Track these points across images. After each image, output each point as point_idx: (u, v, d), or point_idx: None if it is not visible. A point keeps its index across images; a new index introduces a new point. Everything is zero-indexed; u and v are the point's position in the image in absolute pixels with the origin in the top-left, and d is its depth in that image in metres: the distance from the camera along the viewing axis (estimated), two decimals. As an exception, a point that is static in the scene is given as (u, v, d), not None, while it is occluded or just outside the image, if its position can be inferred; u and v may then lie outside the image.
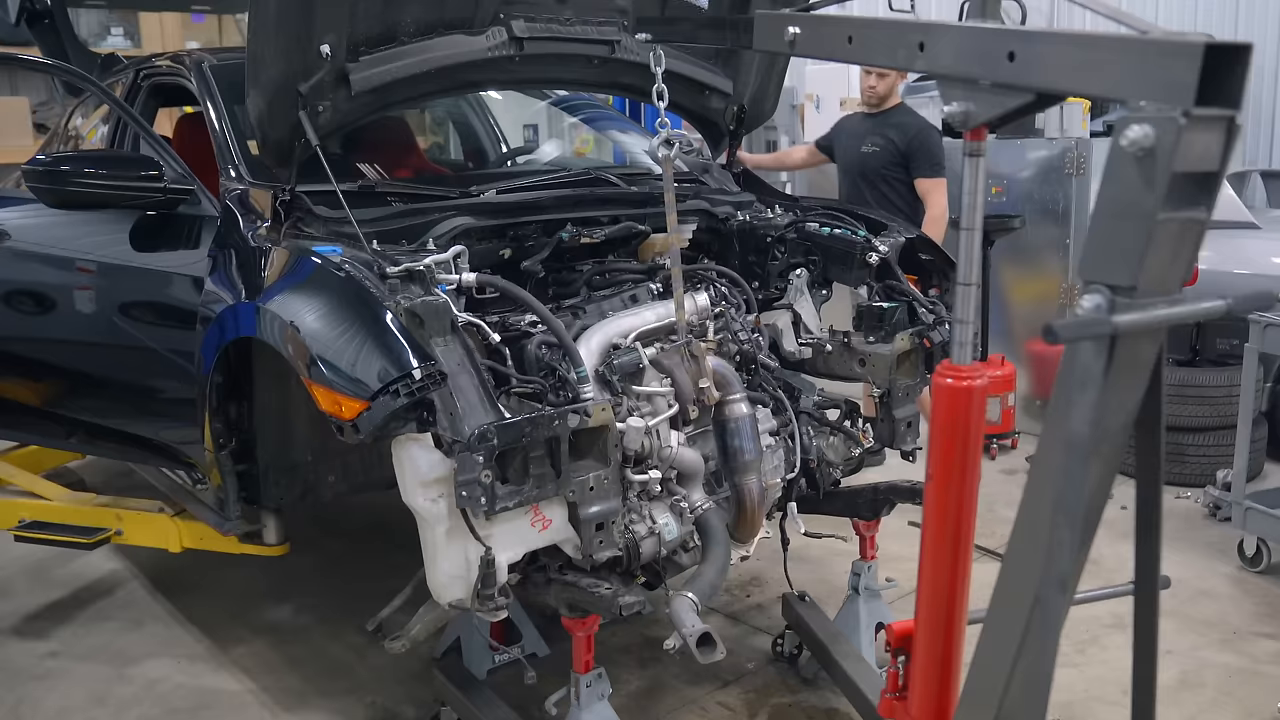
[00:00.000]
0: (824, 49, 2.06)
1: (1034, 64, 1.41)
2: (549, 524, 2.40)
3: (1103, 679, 3.34)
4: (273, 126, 2.73)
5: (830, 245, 3.29)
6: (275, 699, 3.36)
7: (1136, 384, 1.34)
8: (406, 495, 2.31)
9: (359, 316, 2.36)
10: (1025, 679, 1.48)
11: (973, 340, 1.88)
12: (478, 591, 2.31)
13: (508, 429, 2.19)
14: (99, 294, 3.49)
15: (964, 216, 1.83)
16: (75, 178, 3.06)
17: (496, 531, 2.32)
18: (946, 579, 1.95)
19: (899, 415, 3.11)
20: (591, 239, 3.03)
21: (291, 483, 3.19)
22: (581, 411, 2.32)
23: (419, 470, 2.26)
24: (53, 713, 3.29)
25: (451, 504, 2.25)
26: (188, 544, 3.54)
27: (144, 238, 3.28)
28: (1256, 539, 4.13)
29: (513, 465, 2.27)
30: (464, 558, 2.32)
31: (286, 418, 3.09)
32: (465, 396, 2.23)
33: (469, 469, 2.16)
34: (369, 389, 2.18)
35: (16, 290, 3.83)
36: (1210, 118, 1.16)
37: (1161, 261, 1.24)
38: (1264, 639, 3.63)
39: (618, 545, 2.49)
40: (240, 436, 3.00)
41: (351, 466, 3.33)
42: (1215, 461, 4.80)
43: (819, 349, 3.22)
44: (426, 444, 2.24)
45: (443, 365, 2.22)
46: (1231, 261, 5.31)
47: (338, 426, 2.25)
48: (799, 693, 3.32)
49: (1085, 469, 1.31)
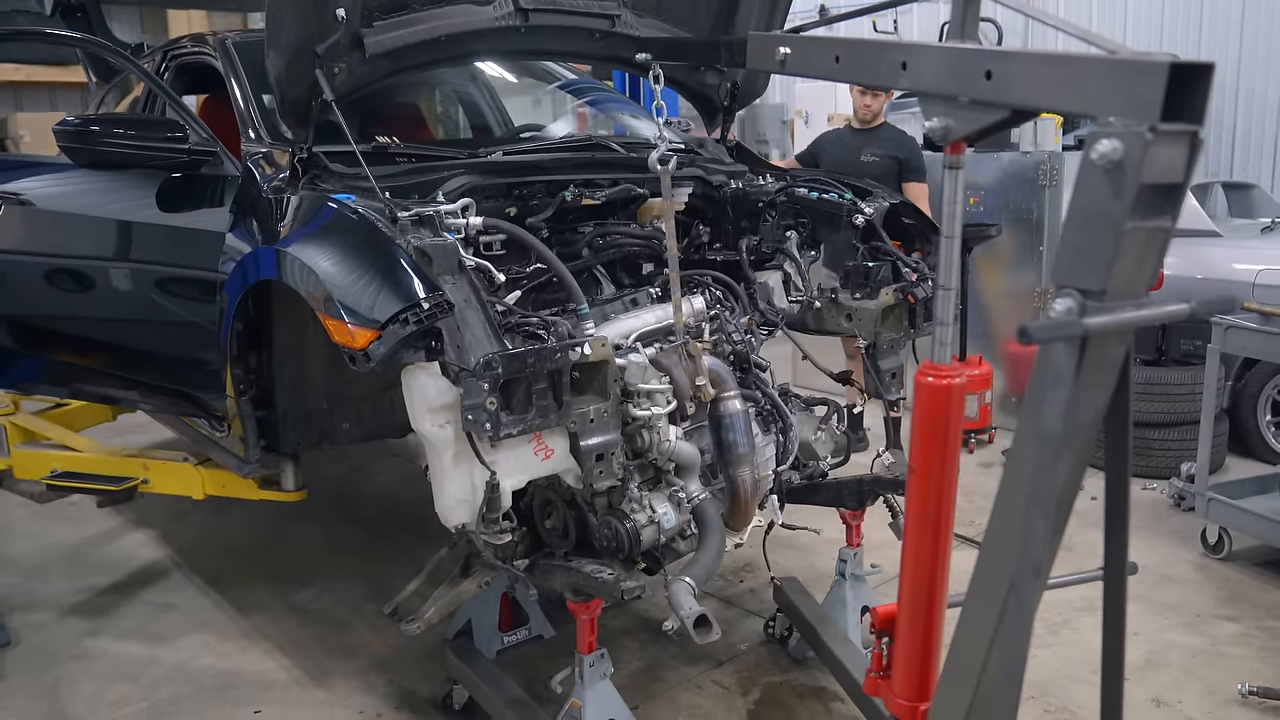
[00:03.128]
0: (813, 68, 2.06)
1: (1009, 82, 1.41)
2: (551, 454, 2.38)
3: (1074, 659, 3.34)
4: (290, 87, 2.72)
5: (819, 208, 3.29)
6: (298, 677, 3.36)
7: (1106, 382, 1.34)
8: (415, 421, 2.29)
9: (371, 253, 2.35)
10: (1002, 659, 1.48)
11: (952, 341, 1.89)
12: (483, 515, 2.30)
13: (512, 359, 2.18)
14: (125, 253, 3.44)
15: (944, 225, 1.83)
16: (105, 138, 3.03)
17: (501, 458, 2.31)
18: (927, 565, 1.95)
19: (884, 366, 3.11)
20: (592, 200, 3.01)
21: (308, 429, 3.18)
22: (582, 346, 2.30)
23: (427, 397, 2.24)
24: (89, 691, 3.29)
25: (458, 429, 2.24)
26: (210, 491, 3.54)
27: (169, 199, 3.24)
28: (1218, 528, 4.14)
29: (516, 395, 2.25)
30: (470, 482, 2.31)
31: (303, 366, 3.07)
32: (472, 330, 2.21)
33: (475, 394, 2.14)
34: (379, 319, 2.16)
35: (47, 251, 3.74)
36: (1175, 132, 1.16)
37: (1129, 267, 1.24)
38: (1225, 622, 3.63)
39: (616, 475, 2.46)
40: (259, 384, 2.98)
41: (365, 413, 3.30)
42: (1179, 455, 4.80)
43: (808, 305, 3.22)
44: (434, 372, 2.22)
45: (450, 296, 2.21)
46: (1195, 268, 5.31)
47: (350, 357, 2.22)
48: (789, 672, 3.32)
49: (1058, 462, 1.30)
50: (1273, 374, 5.15)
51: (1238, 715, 3.05)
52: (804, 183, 3.40)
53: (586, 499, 2.54)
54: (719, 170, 3.44)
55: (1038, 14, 2.00)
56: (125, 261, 3.44)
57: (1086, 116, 1.27)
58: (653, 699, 3.17)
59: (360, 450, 5.84)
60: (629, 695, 2.90)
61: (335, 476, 5.39)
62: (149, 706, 3.20)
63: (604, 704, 2.67)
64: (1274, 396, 5.21)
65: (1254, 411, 5.23)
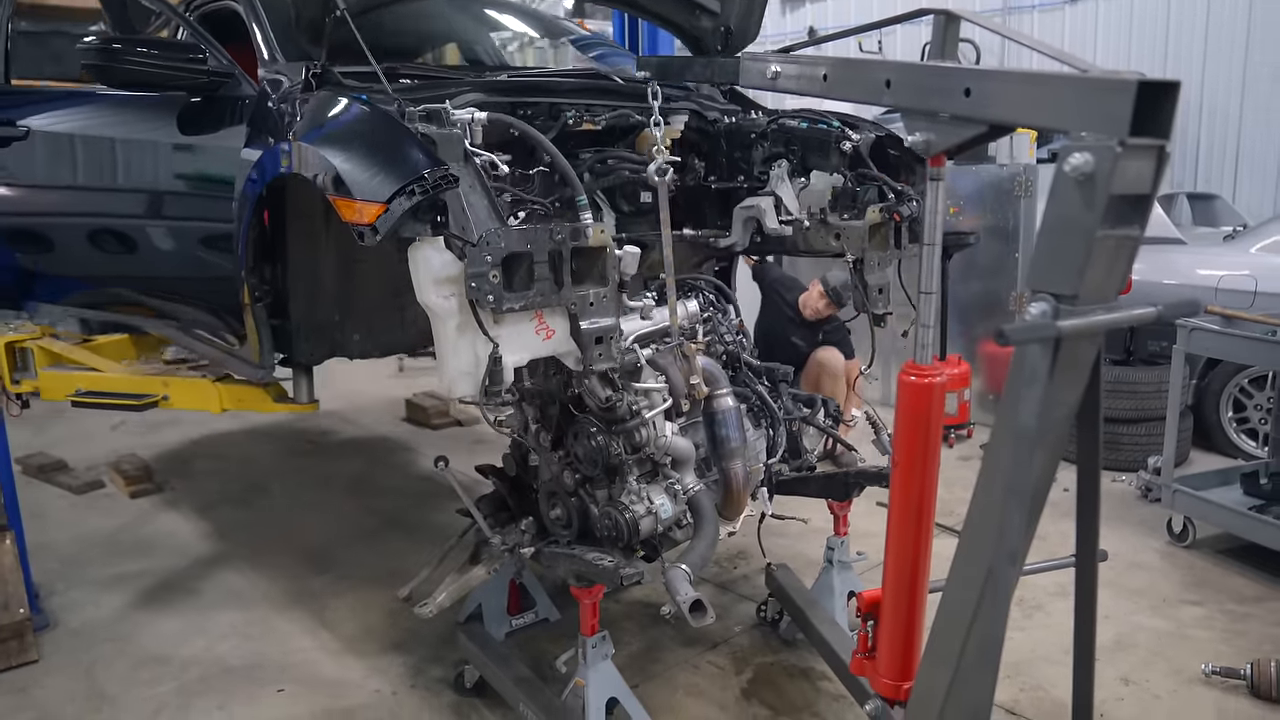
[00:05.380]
0: (802, 85, 2.06)
1: (987, 99, 1.41)
2: (552, 334, 2.33)
3: (1048, 640, 3.34)
4: (306, 4, 2.69)
5: (808, 136, 3.23)
6: (318, 658, 3.36)
7: (1078, 381, 1.34)
8: (421, 294, 2.23)
9: (379, 137, 2.31)
10: (979, 640, 1.48)
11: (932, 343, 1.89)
12: (485, 388, 2.25)
13: (514, 234, 2.16)
14: (145, 173, 3.38)
15: (925, 233, 1.83)
16: (126, 56, 2.92)
17: (503, 333, 2.25)
18: (910, 553, 1.95)
19: (871, 282, 3.05)
20: (593, 125, 2.96)
21: (321, 340, 3.13)
22: (582, 230, 2.27)
23: (432, 269, 2.17)
24: (122, 671, 3.29)
25: (462, 301, 2.19)
26: (227, 405, 3.48)
27: (189, 121, 3.18)
28: (1183, 518, 4.13)
29: (519, 273, 2.21)
30: (473, 354, 2.25)
31: (316, 278, 3.03)
32: (476, 212, 2.18)
33: (478, 264, 2.11)
34: (386, 192, 2.12)
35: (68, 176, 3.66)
36: (1143, 147, 1.16)
37: (1100, 273, 1.24)
38: (1190, 606, 3.63)
39: (614, 360, 2.39)
40: (274, 295, 2.94)
41: (375, 326, 3.24)
42: (1146, 449, 4.80)
43: (798, 226, 3.16)
44: (439, 246, 2.17)
45: (454, 170, 2.15)
46: (1161, 273, 5.31)
47: (359, 233, 2.17)
48: (780, 653, 3.32)
49: (1033, 456, 1.31)
50: (1234, 373, 5.16)
51: (1201, 693, 3.05)
52: (793, 114, 3.37)
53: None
54: (713, 108, 3.38)
55: (1013, 35, 2.01)
56: (145, 181, 3.36)
57: (1060, 131, 1.27)
58: (652, 678, 3.16)
59: (376, 446, 5.84)
60: (629, 675, 2.89)
61: (353, 470, 5.38)
62: (179, 686, 3.19)
63: (606, 683, 2.67)
64: (1235, 394, 5.21)
65: (1216, 408, 5.24)
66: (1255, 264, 5.21)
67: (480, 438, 5.78)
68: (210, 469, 5.42)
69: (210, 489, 5.07)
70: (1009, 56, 8.59)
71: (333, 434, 6.11)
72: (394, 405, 6.65)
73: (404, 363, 8.03)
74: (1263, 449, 4.94)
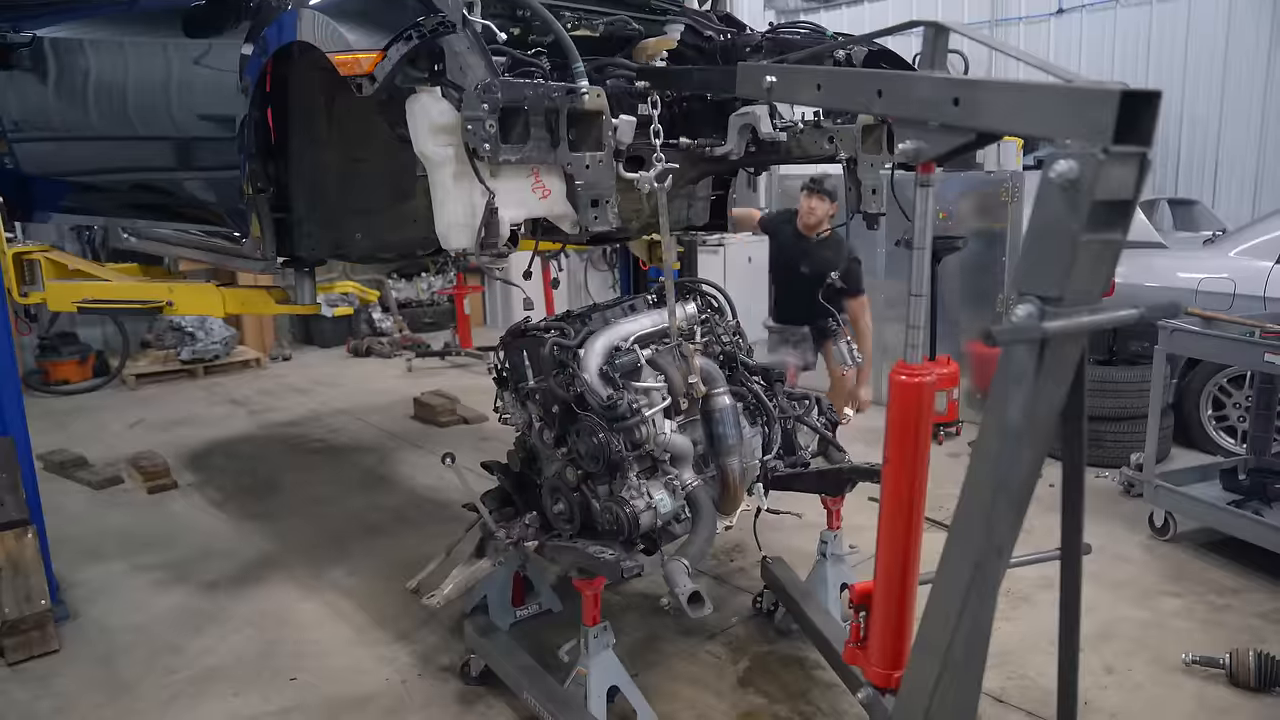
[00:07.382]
0: (797, 95, 2.05)
1: (975, 108, 1.41)
2: (549, 194, 2.27)
3: (1034, 631, 3.34)
4: None
5: (804, 46, 3.19)
6: (329, 647, 3.35)
7: (1063, 380, 1.34)
8: (418, 143, 2.18)
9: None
10: (968, 631, 1.48)
11: (922, 344, 1.89)
12: (481, 240, 2.20)
13: (510, 86, 2.10)
14: (152, 75, 3.30)
15: (915, 238, 1.83)
16: None
17: (500, 187, 2.19)
18: (901, 546, 1.95)
19: (866, 182, 3.02)
20: (591, 31, 2.91)
21: (323, 237, 3.08)
22: (578, 93, 2.23)
23: (430, 117, 2.13)
24: (140, 660, 3.29)
25: (459, 150, 2.13)
26: (231, 309, 3.46)
27: (195, 25, 3.10)
28: (1164, 512, 4.13)
29: (515, 128, 2.16)
30: (470, 204, 2.18)
31: (318, 174, 2.98)
32: (474, 71, 2.10)
33: (474, 107, 2.06)
34: (383, 40, 2.10)
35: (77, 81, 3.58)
36: (1126, 154, 1.15)
37: (1084, 276, 1.24)
38: (1170, 597, 3.63)
39: (610, 223, 2.33)
40: (277, 190, 2.90)
41: (375, 225, 3.17)
42: (1129, 446, 4.80)
43: (793, 130, 3.12)
44: (436, 95, 2.12)
45: (450, 15, 2.11)
46: (1143, 276, 5.32)
47: (357, 84, 2.14)
48: (775, 643, 3.32)
49: (1019, 452, 1.30)
50: (1213, 373, 5.16)
51: (1181, 681, 3.05)
52: (789, 27, 3.32)
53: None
54: (709, 27, 3.31)
55: (1000, 46, 2.00)
56: (153, 80, 3.30)
57: (1045, 139, 1.27)
58: (651, 667, 3.16)
59: (385, 443, 5.84)
60: (630, 664, 2.89)
61: (363, 467, 5.38)
62: (195, 675, 3.19)
63: (607, 671, 2.68)
64: (1215, 393, 5.21)
65: (1197, 406, 5.24)
66: (1234, 267, 5.21)
67: (486, 435, 5.79)
68: (225, 466, 5.43)
69: (225, 485, 5.07)
70: (996, 67, 8.59)
71: (343, 432, 6.11)
72: (403, 404, 6.65)
73: (412, 363, 8.04)
74: (1241, 446, 4.94)
